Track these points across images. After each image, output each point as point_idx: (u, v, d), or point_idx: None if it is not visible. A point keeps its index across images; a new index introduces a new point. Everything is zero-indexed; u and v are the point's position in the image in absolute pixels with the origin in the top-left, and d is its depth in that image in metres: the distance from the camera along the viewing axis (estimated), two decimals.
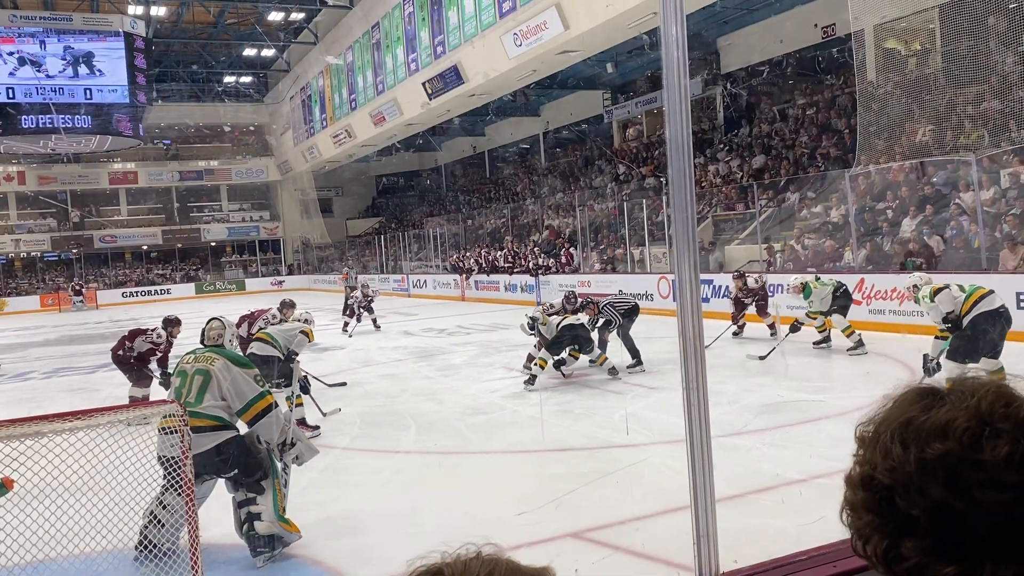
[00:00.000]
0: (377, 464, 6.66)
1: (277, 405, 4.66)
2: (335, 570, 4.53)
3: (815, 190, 16.30)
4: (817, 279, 10.35)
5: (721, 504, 2.42)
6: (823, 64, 20.97)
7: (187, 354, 4.89)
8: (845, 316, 10.18)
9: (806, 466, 5.56)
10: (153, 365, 8.88)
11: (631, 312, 10.11)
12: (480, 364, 11.42)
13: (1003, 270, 10.63)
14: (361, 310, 16.57)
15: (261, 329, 9.10)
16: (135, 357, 8.73)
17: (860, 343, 9.87)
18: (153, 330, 8.87)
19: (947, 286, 7.22)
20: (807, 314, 10.24)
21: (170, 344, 8.97)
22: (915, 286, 7.62)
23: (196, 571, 3.73)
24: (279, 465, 4.70)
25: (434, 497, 5.63)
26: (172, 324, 8.96)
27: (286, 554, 4.62)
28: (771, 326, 11.50)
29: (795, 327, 10.32)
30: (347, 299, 17.51)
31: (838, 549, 1.99)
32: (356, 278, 20.57)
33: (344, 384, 10.12)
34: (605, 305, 10.05)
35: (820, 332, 10.45)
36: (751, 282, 11.73)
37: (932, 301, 7.17)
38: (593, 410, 8.01)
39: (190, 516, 3.78)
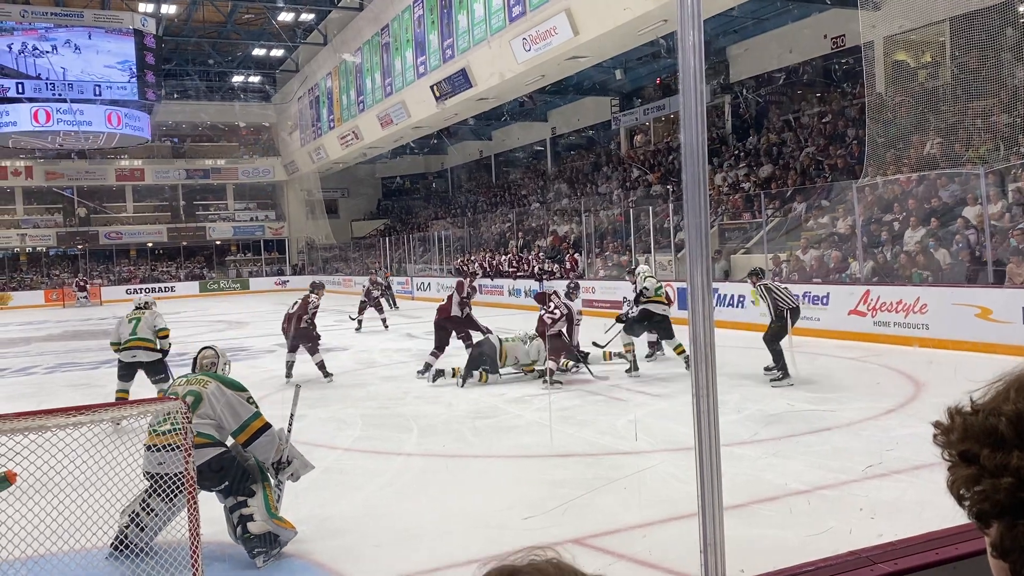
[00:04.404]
0: (378, 466, 6.63)
1: (271, 426, 4.69)
2: (335, 571, 4.51)
3: (827, 198, 16.25)
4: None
5: (726, 513, 2.40)
6: (838, 73, 20.90)
7: (179, 377, 5.08)
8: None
9: (812, 477, 5.53)
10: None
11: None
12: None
13: (1010, 284, 10.59)
14: (380, 300, 17.32)
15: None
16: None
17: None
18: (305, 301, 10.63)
19: (651, 281, 10.16)
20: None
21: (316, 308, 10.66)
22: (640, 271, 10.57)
23: (196, 570, 3.71)
24: (273, 482, 4.72)
25: (436, 500, 5.60)
26: (318, 288, 10.84)
27: (285, 554, 4.60)
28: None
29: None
30: (368, 296, 17.67)
31: (845, 561, 1.96)
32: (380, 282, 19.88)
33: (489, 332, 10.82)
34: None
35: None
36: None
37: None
38: (597, 416, 7.99)
39: (191, 513, 3.76)
